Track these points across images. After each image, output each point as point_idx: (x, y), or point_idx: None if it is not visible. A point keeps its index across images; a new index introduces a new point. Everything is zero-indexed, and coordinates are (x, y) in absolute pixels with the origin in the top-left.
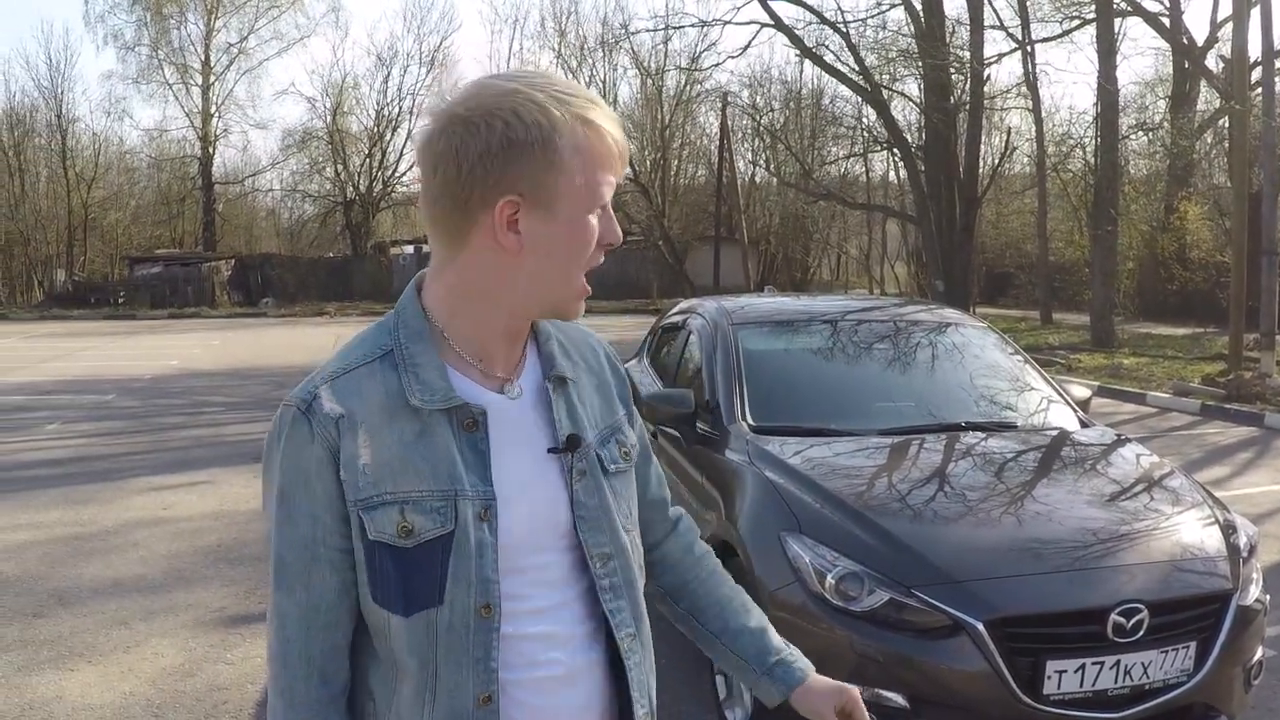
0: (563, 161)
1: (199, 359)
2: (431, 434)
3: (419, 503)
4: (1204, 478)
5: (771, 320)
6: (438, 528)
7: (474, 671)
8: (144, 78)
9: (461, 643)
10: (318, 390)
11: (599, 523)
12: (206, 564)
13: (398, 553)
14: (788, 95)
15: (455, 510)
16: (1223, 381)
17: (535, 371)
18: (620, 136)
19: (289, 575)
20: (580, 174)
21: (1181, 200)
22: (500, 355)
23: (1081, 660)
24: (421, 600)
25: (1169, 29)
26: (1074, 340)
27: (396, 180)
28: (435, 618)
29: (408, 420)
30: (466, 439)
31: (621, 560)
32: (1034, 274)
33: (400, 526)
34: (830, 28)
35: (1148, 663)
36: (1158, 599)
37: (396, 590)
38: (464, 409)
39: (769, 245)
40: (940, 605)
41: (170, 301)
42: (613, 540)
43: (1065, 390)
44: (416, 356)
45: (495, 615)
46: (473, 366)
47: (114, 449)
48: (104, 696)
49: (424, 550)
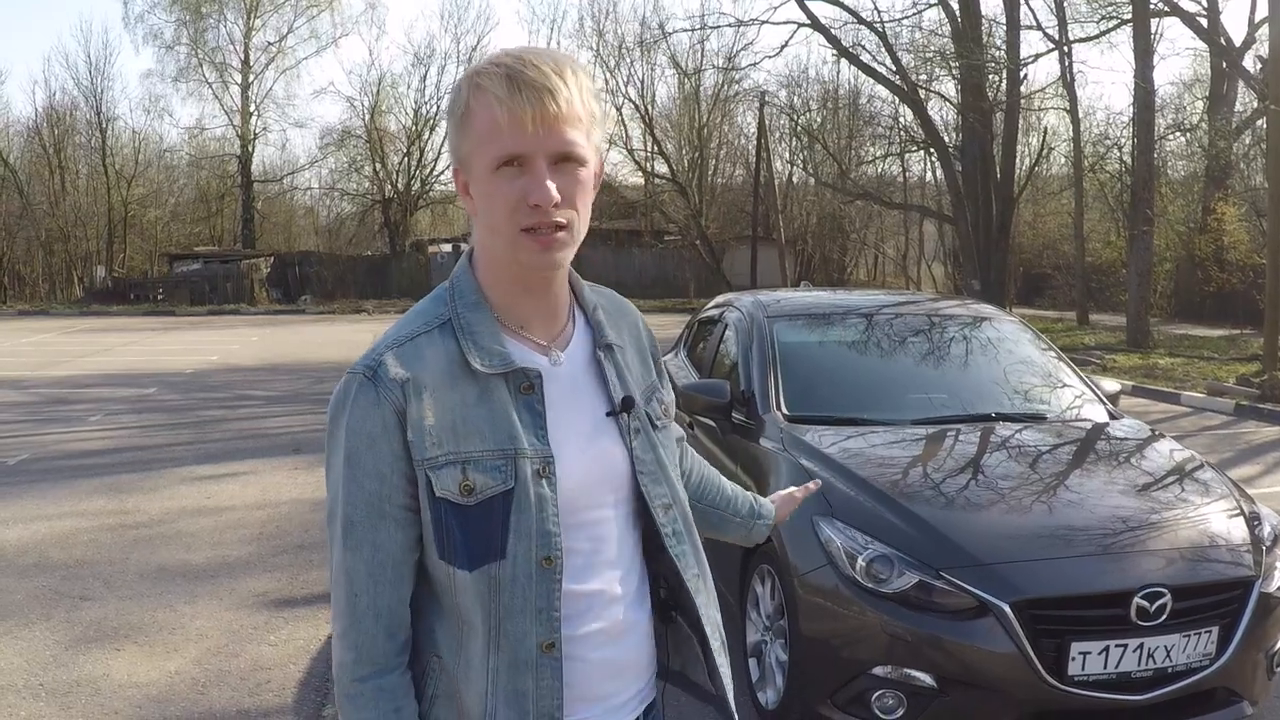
0: (468, 127)
1: (238, 355)
2: (491, 397)
3: (480, 462)
4: (1235, 475)
5: (807, 313)
6: (499, 485)
7: (537, 621)
8: (183, 77)
9: (525, 594)
10: (382, 357)
11: (657, 475)
12: (249, 551)
13: (461, 510)
14: (825, 95)
15: (515, 468)
16: (1257, 382)
17: (585, 339)
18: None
19: (357, 533)
20: (483, 137)
21: (1218, 201)
22: (535, 319)
23: (1105, 643)
24: (484, 555)
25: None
26: (1110, 341)
27: (434, 179)
28: (498, 571)
29: (468, 384)
30: (524, 401)
31: (680, 509)
32: (1070, 275)
33: (462, 485)
34: (867, 27)
35: (1170, 646)
36: (1181, 584)
37: (461, 546)
38: (520, 373)
39: (806, 245)
40: (967, 587)
41: (209, 298)
42: (671, 490)
43: (1096, 385)
44: (474, 324)
45: (557, 567)
46: (518, 334)
47: (156, 440)
48: (149, 675)
49: (485, 507)
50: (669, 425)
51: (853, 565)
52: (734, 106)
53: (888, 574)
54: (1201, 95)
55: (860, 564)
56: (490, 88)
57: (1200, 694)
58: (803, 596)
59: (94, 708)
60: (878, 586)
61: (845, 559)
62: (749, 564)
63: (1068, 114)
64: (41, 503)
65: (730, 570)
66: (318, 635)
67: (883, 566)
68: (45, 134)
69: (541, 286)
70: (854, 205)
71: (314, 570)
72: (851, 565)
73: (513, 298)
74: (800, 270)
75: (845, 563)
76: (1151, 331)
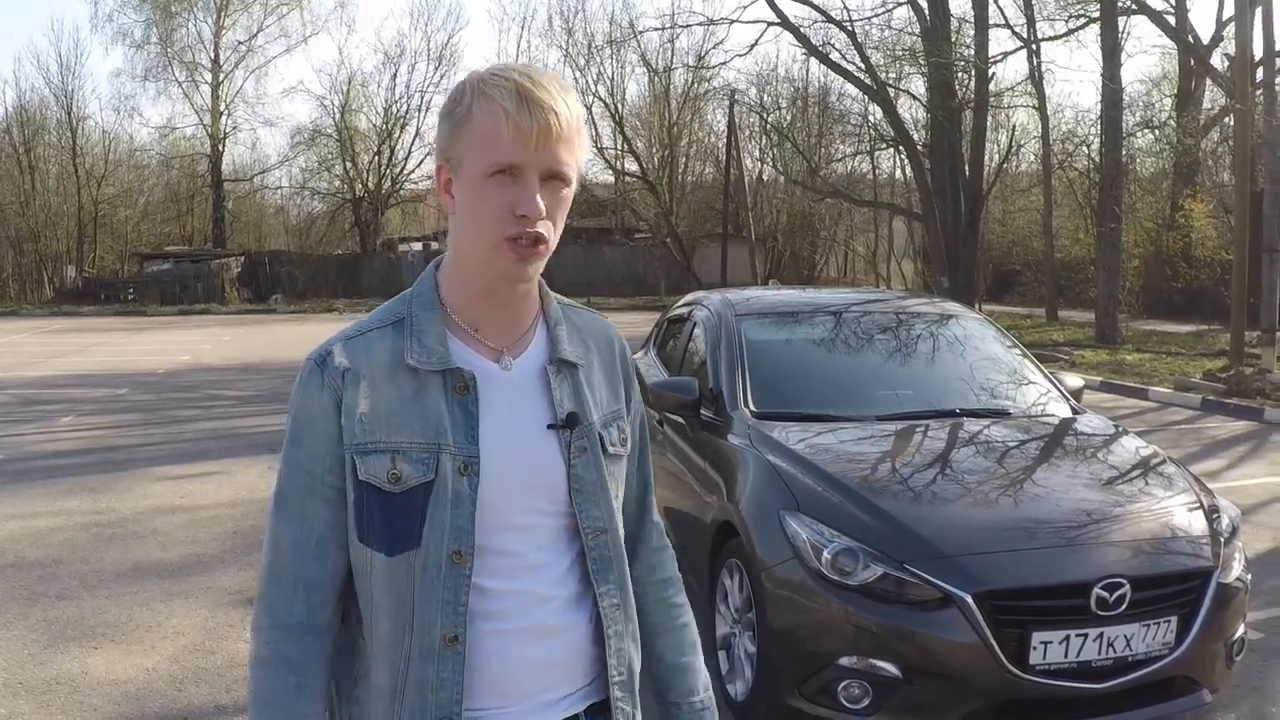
0: (465, 131)
1: (210, 354)
2: (425, 393)
3: (407, 453)
4: (1201, 469)
5: (774, 311)
6: (420, 476)
7: (443, 612)
8: (153, 76)
9: (434, 584)
10: (332, 347)
11: (595, 498)
12: (224, 549)
13: (386, 497)
14: (794, 93)
15: (437, 461)
16: (1224, 377)
17: (543, 351)
18: (534, 118)
19: (288, 506)
20: (481, 143)
21: (1187, 198)
22: (492, 323)
23: (1066, 632)
24: (404, 542)
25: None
26: (1078, 337)
27: (405, 178)
28: (414, 560)
29: (407, 379)
30: (458, 401)
31: (613, 536)
32: (1040, 271)
33: (390, 473)
34: (836, 26)
35: (1130, 636)
36: (1140, 574)
37: (382, 532)
38: (456, 373)
39: (776, 243)
40: (931, 579)
41: (180, 298)
42: (606, 516)
43: (1059, 381)
44: (423, 324)
45: (467, 563)
46: (471, 336)
47: (129, 440)
48: (127, 672)
49: (409, 496)
50: (624, 457)
51: (818, 558)
52: (704, 105)
53: (853, 566)
54: (1170, 93)
55: (826, 557)
56: (499, 99)
57: (1160, 682)
58: (770, 590)
59: (72, 705)
60: (843, 579)
61: (811, 552)
62: (717, 558)
63: (1036, 111)
64: (16, 502)
65: (699, 564)
66: None
67: (848, 559)
68: (15, 134)
69: (505, 294)
70: (824, 203)
71: None
72: (817, 558)
73: (472, 301)
74: (770, 268)
75: (811, 556)
76: (1120, 327)
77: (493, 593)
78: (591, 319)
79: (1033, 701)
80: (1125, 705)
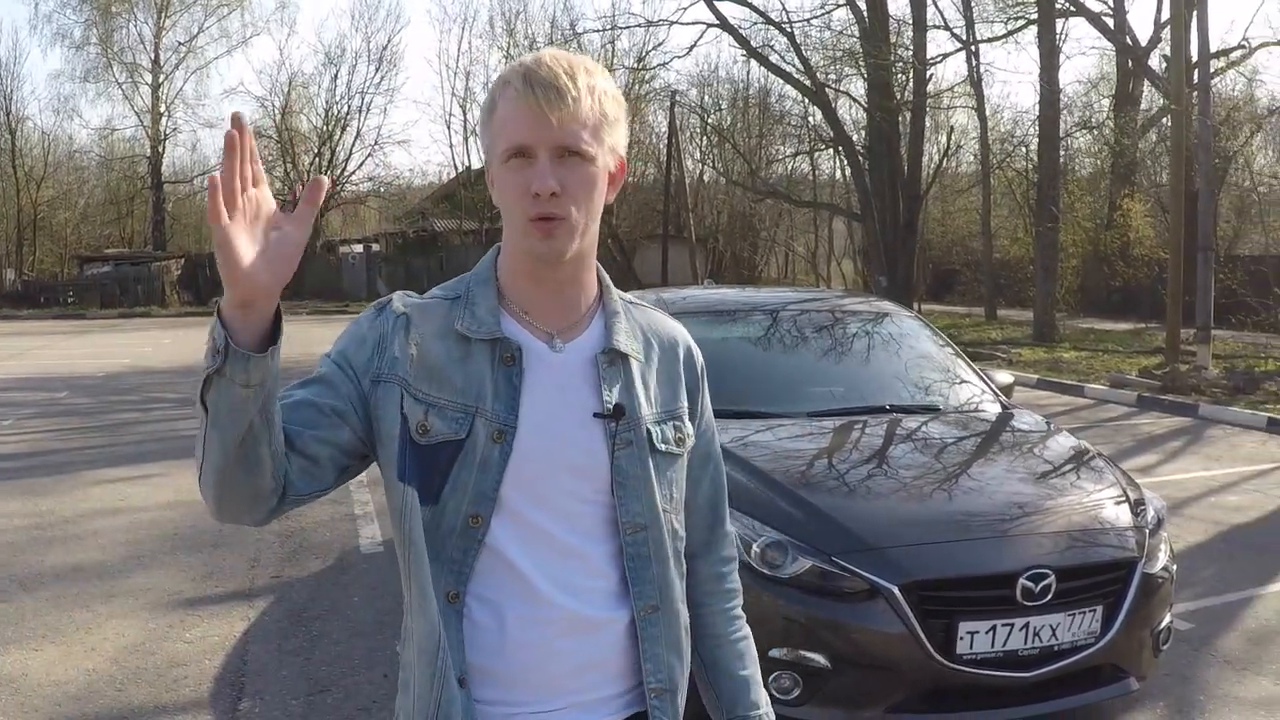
0: (491, 122)
1: (150, 357)
2: (472, 359)
3: (442, 409)
4: (1135, 465)
5: (709, 310)
6: (450, 433)
7: (449, 570)
8: (93, 77)
9: (446, 542)
10: (393, 296)
11: (638, 493)
12: (164, 551)
13: (415, 447)
14: (735, 94)
15: (472, 424)
16: (1159, 374)
17: (596, 341)
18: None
19: (311, 378)
20: (499, 131)
21: (1125, 198)
22: (540, 306)
23: (992, 622)
24: (427, 496)
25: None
26: (1016, 335)
27: (346, 180)
28: (432, 515)
29: (455, 343)
30: (503, 371)
31: (654, 534)
32: (979, 271)
33: (419, 424)
34: (775, 28)
35: (1056, 625)
36: (1064, 565)
37: (415, 477)
38: (504, 343)
39: (717, 243)
40: (858, 571)
41: (120, 301)
42: (648, 513)
43: (989, 377)
44: (477, 297)
45: (482, 528)
46: (522, 317)
47: (69, 444)
48: (68, 673)
49: (433, 451)
50: (679, 456)
51: (748, 552)
52: (645, 106)
53: (782, 560)
54: (1108, 94)
55: (755, 550)
56: (511, 84)
57: (1087, 671)
58: None
59: (13, 707)
60: (773, 572)
61: (740, 546)
62: None
63: (975, 112)
64: None
65: None
66: (232, 632)
67: (777, 553)
68: None
69: (547, 276)
70: (764, 203)
71: (227, 569)
72: (747, 552)
73: (520, 284)
74: (712, 268)
75: (741, 549)
76: (1058, 326)
77: (522, 569)
78: (659, 318)
79: (960, 690)
80: (1052, 694)
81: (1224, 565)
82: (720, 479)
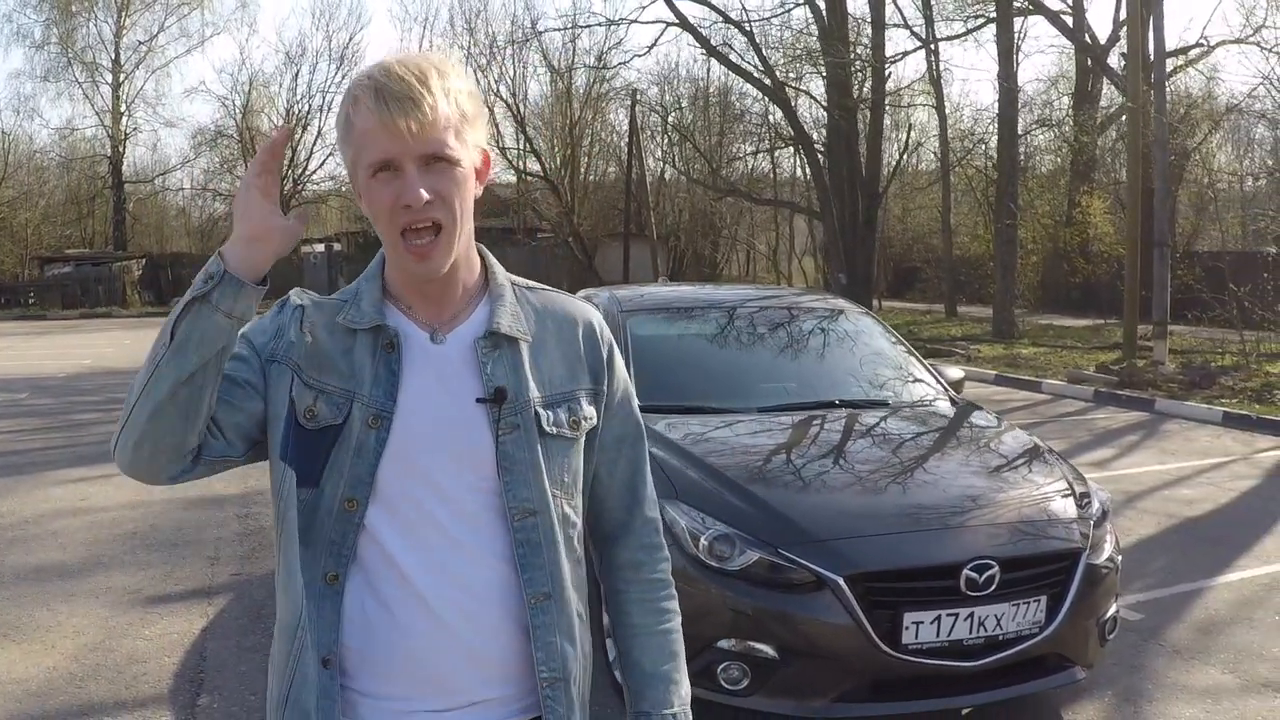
0: (348, 136)
1: (112, 357)
2: (356, 348)
3: (329, 396)
4: (1091, 459)
5: (664, 308)
6: (331, 418)
7: (328, 552)
8: (53, 76)
9: (324, 524)
10: (293, 293)
11: (525, 478)
12: (124, 550)
13: (299, 430)
14: (695, 93)
15: (350, 409)
16: (1116, 369)
17: (479, 326)
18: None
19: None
20: (360, 145)
21: (1084, 195)
22: (422, 305)
23: (937, 613)
24: (307, 479)
25: (1071, 28)
26: (976, 332)
27: (307, 179)
28: (311, 498)
29: (342, 335)
30: (384, 358)
31: (545, 519)
32: (940, 268)
33: (307, 409)
34: (735, 27)
35: (1000, 615)
36: (1008, 556)
37: (296, 458)
38: (383, 330)
39: (678, 241)
40: (804, 563)
41: (81, 301)
42: (538, 498)
43: (939, 372)
44: (363, 293)
45: (358, 512)
46: (405, 311)
47: (29, 444)
48: (28, 671)
49: (317, 436)
50: (573, 440)
51: (696, 545)
52: (606, 104)
53: (730, 552)
54: (1067, 91)
55: (703, 543)
56: (363, 99)
57: (1032, 660)
58: None
59: None
60: (721, 565)
61: (689, 539)
62: None
63: (935, 110)
64: None
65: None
66: (191, 629)
67: (724, 545)
68: None
69: (427, 286)
70: (725, 201)
71: (186, 567)
72: (695, 545)
73: (402, 288)
74: (673, 266)
75: (689, 542)
76: (1017, 322)
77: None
78: (559, 299)
79: (906, 680)
80: (998, 683)
81: (1175, 557)
82: (639, 460)
